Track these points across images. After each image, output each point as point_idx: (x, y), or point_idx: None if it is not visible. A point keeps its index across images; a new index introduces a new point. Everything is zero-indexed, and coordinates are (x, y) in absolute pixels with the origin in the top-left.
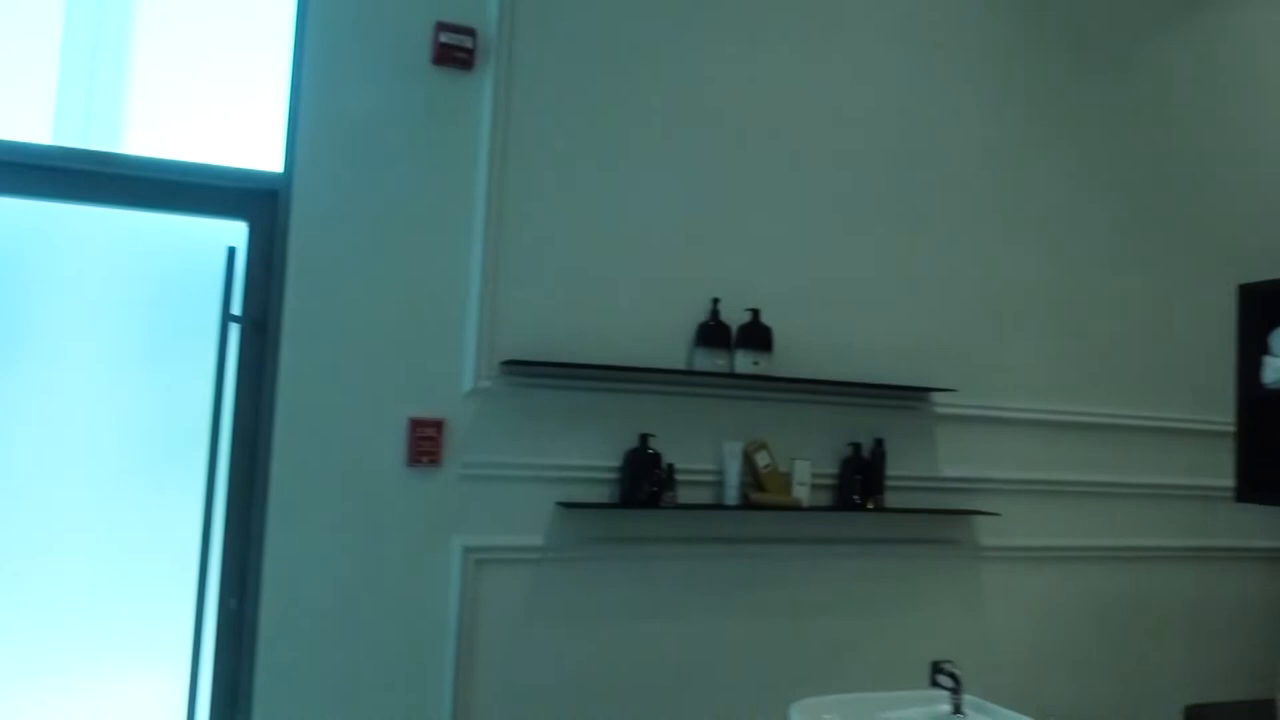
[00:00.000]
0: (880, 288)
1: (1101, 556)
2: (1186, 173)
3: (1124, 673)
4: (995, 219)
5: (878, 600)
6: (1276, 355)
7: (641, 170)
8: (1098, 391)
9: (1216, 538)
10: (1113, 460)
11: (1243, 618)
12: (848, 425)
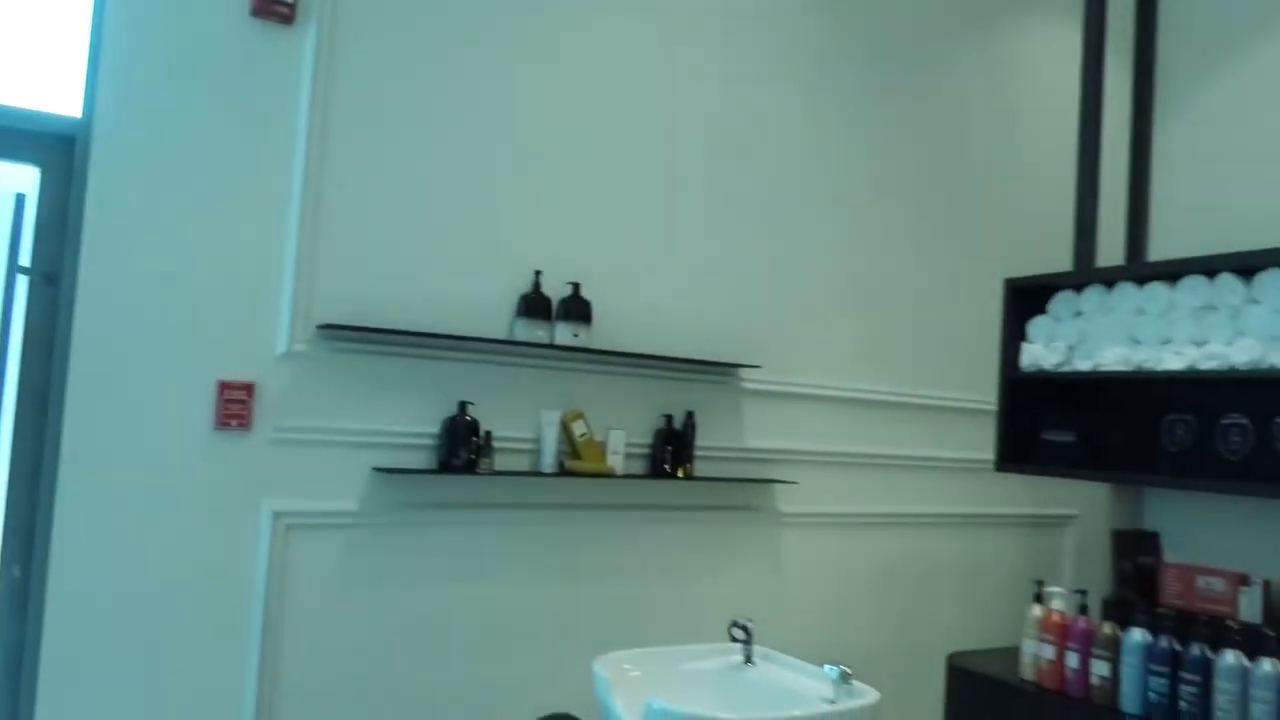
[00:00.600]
0: (695, 268)
1: (886, 522)
2: (971, 176)
3: (903, 625)
4: (801, 210)
5: (686, 563)
6: (1033, 343)
7: (468, 140)
8: (886, 372)
9: (984, 505)
10: (898, 435)
11: (1003, 576)
12: (661, 398)
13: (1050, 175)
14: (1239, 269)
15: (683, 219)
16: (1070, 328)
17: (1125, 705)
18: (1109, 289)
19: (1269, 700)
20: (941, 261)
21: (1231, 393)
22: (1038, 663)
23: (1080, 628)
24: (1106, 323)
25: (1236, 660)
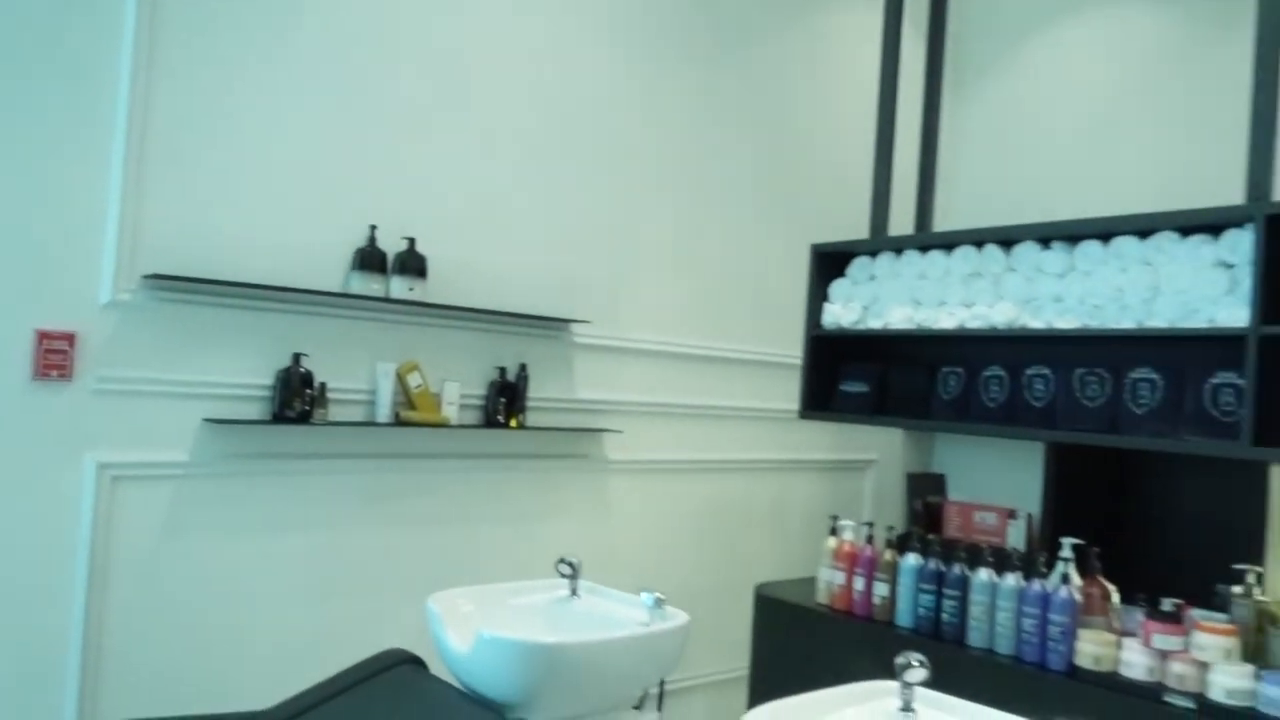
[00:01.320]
0: (529, 227)
1: (705, 468)
2: (788, 147)
3: (719, 561)
4: (630, 173)
5: (518, 508)
6: (833, 303)
7: (302, 90)
8: (707, 329)
9: (793, 452)
10: (716, 387)
11: (810, 515)
12: (495, 350)
13: (859, 149)
14: (1001, 241)
15: (518, 178)
16: (865, 290)
17: (900, 620)
18: (898, 256)
19: (1010, 609)
20: (758, 226)
21: (993, 348)
22: (831, 588)
23: (866, 555)
24: (895, 286)
25: (988, 577)
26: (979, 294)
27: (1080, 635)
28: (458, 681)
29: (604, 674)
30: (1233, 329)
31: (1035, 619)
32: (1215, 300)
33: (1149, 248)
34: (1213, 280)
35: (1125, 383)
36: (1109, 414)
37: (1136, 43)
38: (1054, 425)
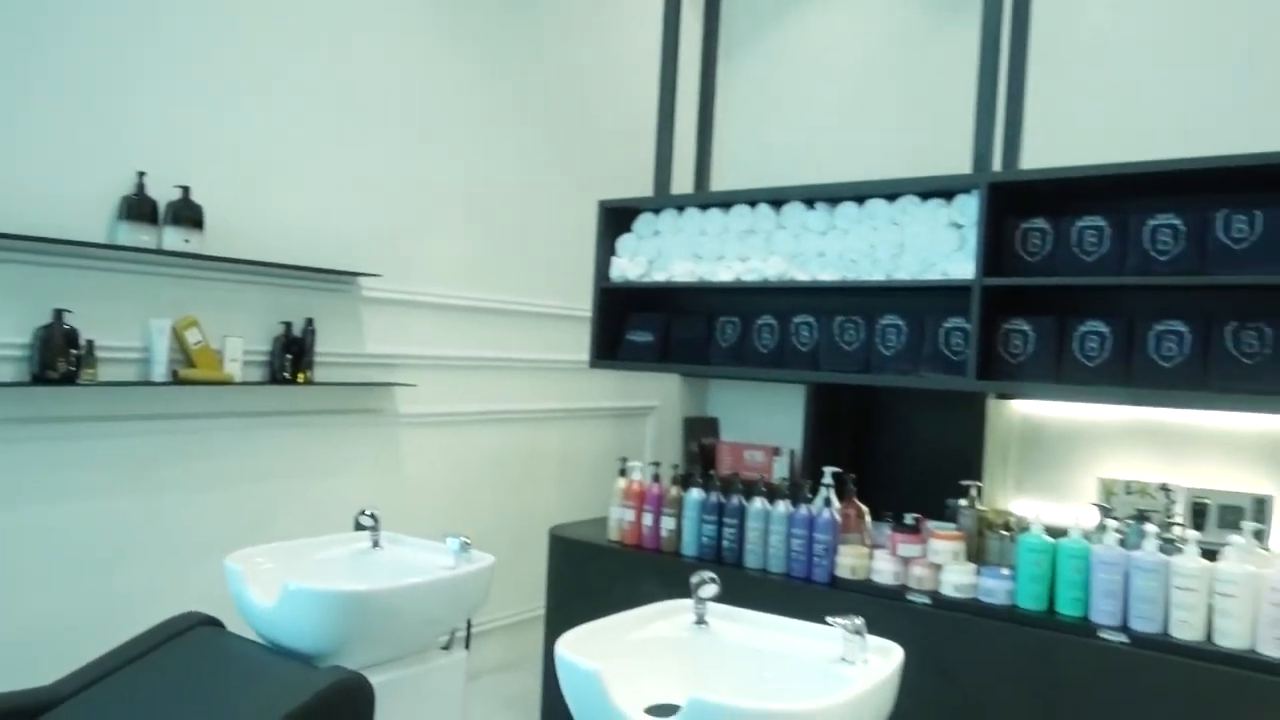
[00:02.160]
0: (315, 177)
1: (497, 419)
2: (579, 105)
3: (513, 508)
4: (420, 126)
5: (310, 465)
6: (620, 257)
7: (64, 26)
8: (497, 282)
9: (580, 400)
10: (507, 339)
11: (596, 459)
12: (280, 304)
13: (646, 109)
14: (772, 201)
15: (302, 127)
16: (650, 245)
17: (686, 550)
18: (680, 213)
19: (781, 532)
20: (548, 182)
21: (765, 299)
22: (621, 525)
23: (654, 492)
24: (678, 241)
25: (761, 506)
26: (753, 249)
27: (840, 551)
28: (261, 638)
29: (414, 617)
30: (961, 280)
31: (803, 539)
32: (948, 256)
33: (896, 209)
34: (946, 238)
35: (876, 328)
36: (863, 356)
37: (880, 27)
38: (818, 367)
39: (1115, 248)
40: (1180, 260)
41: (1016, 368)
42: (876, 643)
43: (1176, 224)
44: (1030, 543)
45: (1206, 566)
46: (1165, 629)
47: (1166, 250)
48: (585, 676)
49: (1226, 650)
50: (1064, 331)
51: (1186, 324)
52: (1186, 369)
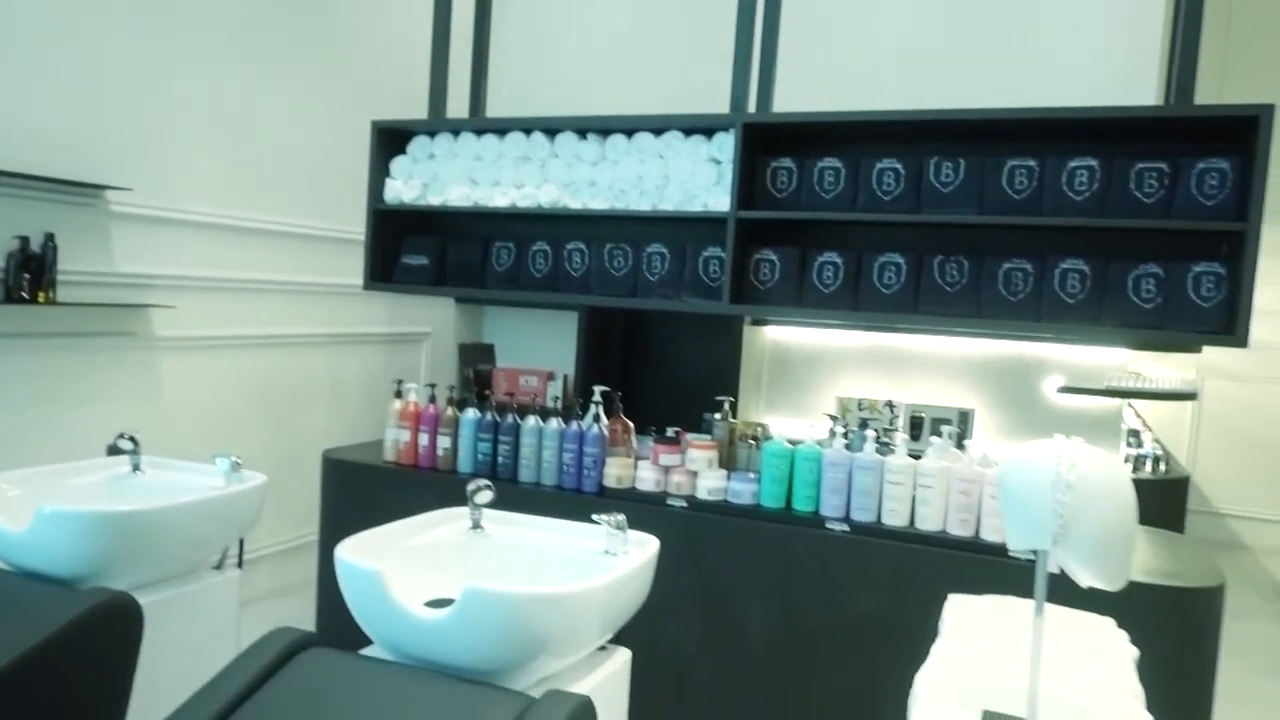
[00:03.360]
0: (55, 80)
1: (263, 343)
2: (350, 23)
3: (283, 434)
4: (177, 32)
5: (57, 391)
6: (395, 179)
7: None
8: (262, 200)
9: (352, 325)
10: (273, 261)
11: (370, 385)
12: (14, 218)
13: (423, 31)
14: (546, 130)
15: (41, 28)
16: (426, 168)
17: (462, 467)
18: (456, 137)
19: (553, 447)
20: (318, 100)
21: (539, 225)
22: (397, 445)
23: (430, 413)
24: (453, 165)
25: (535, 423)
26: (528, 176)
27: (608, 463)
28: (8, 566)
29: (181, 537)
30: (719, 212)
31: (573, 453)
32: (708, 189)
33: (661, 144)
34: (706, 173)
35: (643, 256)
36: (631, 282)
37: None
38: (589, 292)
39: (849, 187)
40: (901, 200)
41: (764, 293)
42: (636, 536)
43: (898, 168)
44: (772, 449)
45: (911, 463)
46: (879, 518)
47: (890, 191)
48: (365, 576)
49: (925, 532)
50: (805, 261)
51: (904, 256)
52: (902, 295)
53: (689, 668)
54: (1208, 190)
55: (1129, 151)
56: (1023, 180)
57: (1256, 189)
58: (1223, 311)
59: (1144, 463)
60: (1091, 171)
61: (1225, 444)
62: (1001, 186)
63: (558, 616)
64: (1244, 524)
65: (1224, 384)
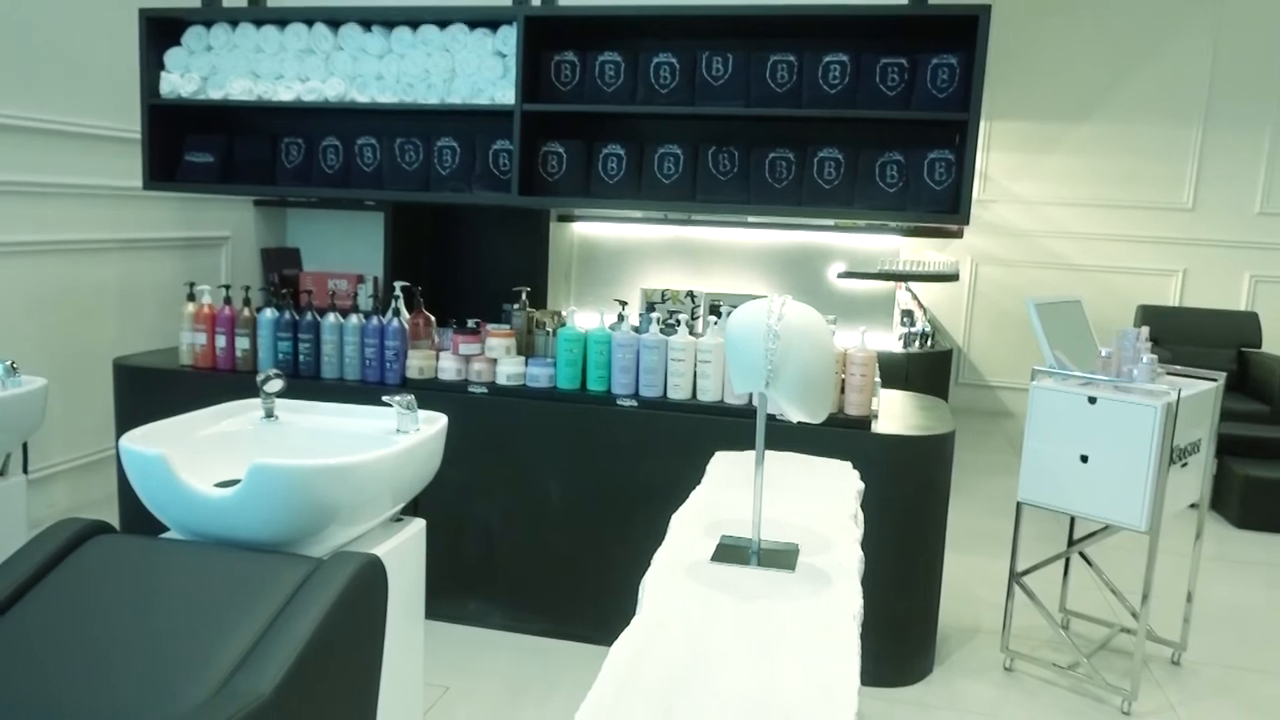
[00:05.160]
0: None
1: (40, 250)
2: None
3: (69, 346)
4: None
5: None
6: (171, 72)
7: None
8: (27, 97)
9: (140, 230)
10: (46, 162)
11: (164, 291)
12: None
13: None
14: (328, 21)
15: None
16: (203, 60)
17: (262, 367)
18: (234, 29)
19: (355, 343)
20: None
21: (328, 120)
22: (194, 349)
23: (226, 314)
24: (233, 58)
25: (336, 320)
26: (312, 69)
27: (410, 355)
28: None
29: None
30: (505, 105)
31: (375, 348)
32: (494, 83)
33: (447, 37)
34: (492, 66)
35: (434, 149)
36: (423, 176)
37: None
38: (382, 186)
39: (629, 81)
40: (676, 93)
41: (553, 185)
42: (427, 415)
43: (674, 62)
44: (566, 335)
45: (692, 341)
46: (665, 393)
47: (667, 84)
48: (150, 461)
49: (705, 403)
50: (590, 153)
51: (681, 147)
52: (681, 185)
53: (496, 540)
54: (940, 84)
55: (875, 48)
56: (784, 74)
57: (976, 82)
58: (952, 193)
59: (914, 339)
60: (843, 66)
61: (994, 323)
62: (766, 80)
63: (343, 487)
64: (1009, 393)
65: (993, 269)
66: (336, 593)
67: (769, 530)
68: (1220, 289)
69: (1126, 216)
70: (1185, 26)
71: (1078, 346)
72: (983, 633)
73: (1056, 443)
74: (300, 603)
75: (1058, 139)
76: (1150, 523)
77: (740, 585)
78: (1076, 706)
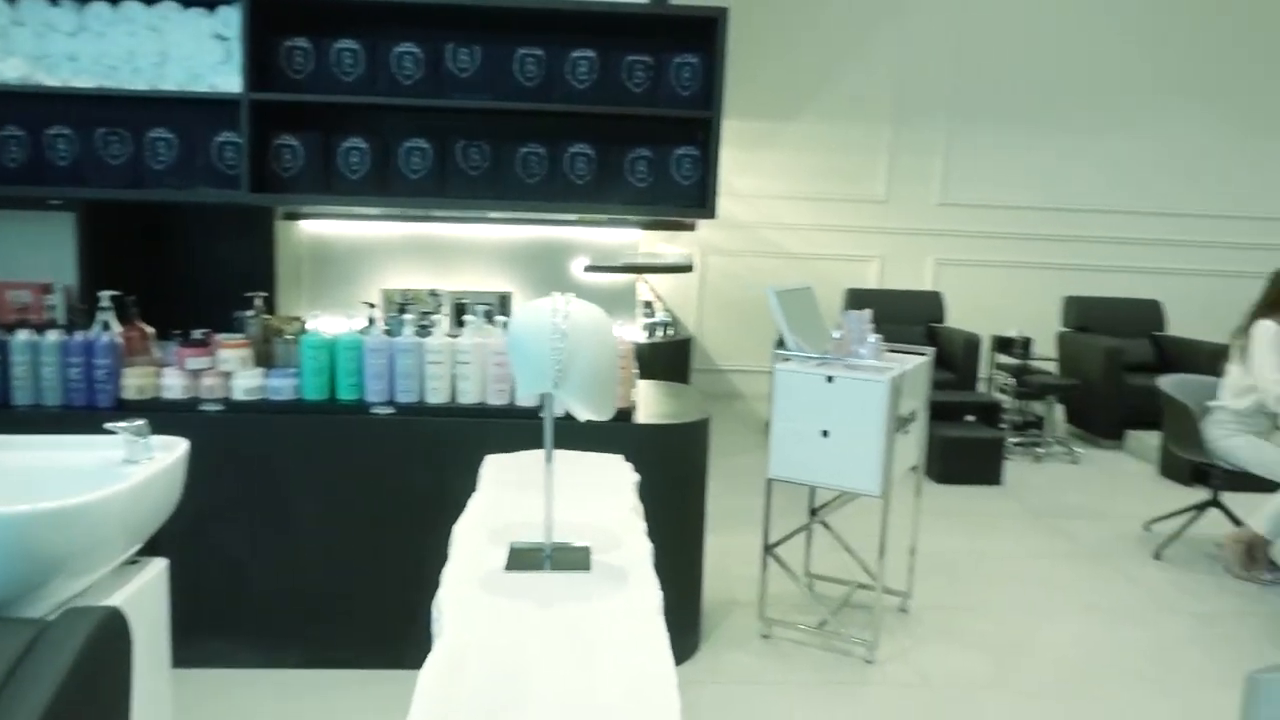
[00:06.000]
0: None
1: None
2: None
3: None
4: None
5: None
6: None
7: None
8: None
9: None
10: None
11: None
12: None
13: None
14: None
15: None
16: None
17: None
18: None
19: (54, 363)
20: None
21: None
22: None
23: None
24: None
25: (28, 338)
26: None
27: (125, 373)
28: None
29: None
30: (229, 94)
31: (80, 367)
32: (214, 68)
33: (155, 15)
34: (212, 50)
35: (145, 142)
36: (132, 171)
37: None
38: (81, 184)
39: (369, 70)
40: (421, 85)
41: (289, 181)
42: (162, 440)
43: (417, 52)
44: (310, 341)
45: (449, 342)
46: (422, 397)
47: (411, 75)
48: None
49: (466, 405)
50: (329, 147)
51: (429, 141)
52: (430, 180)
53: (243, 573)
54: (684, 82)
55: (622, 45)
56: (533, 69)
57: (718, 81)
58: (698, 188)
59: (657, 329)
60: (591, 62)
61: (723, 310)
62: (514, 74)
63: (70, 533)
64: (740, 376)
65: (720, 258)
66: (70, 658)
67: (557, 532)
68: (911, 272)
69: (833, 208)
70: (875, 36)
71: (812, 330)
72: (740, 605)
73: (800, 421)
74: (25, 675)
75: (772, 136)
76: (883, 487)
77: (540, 591)
78: (827, 661)
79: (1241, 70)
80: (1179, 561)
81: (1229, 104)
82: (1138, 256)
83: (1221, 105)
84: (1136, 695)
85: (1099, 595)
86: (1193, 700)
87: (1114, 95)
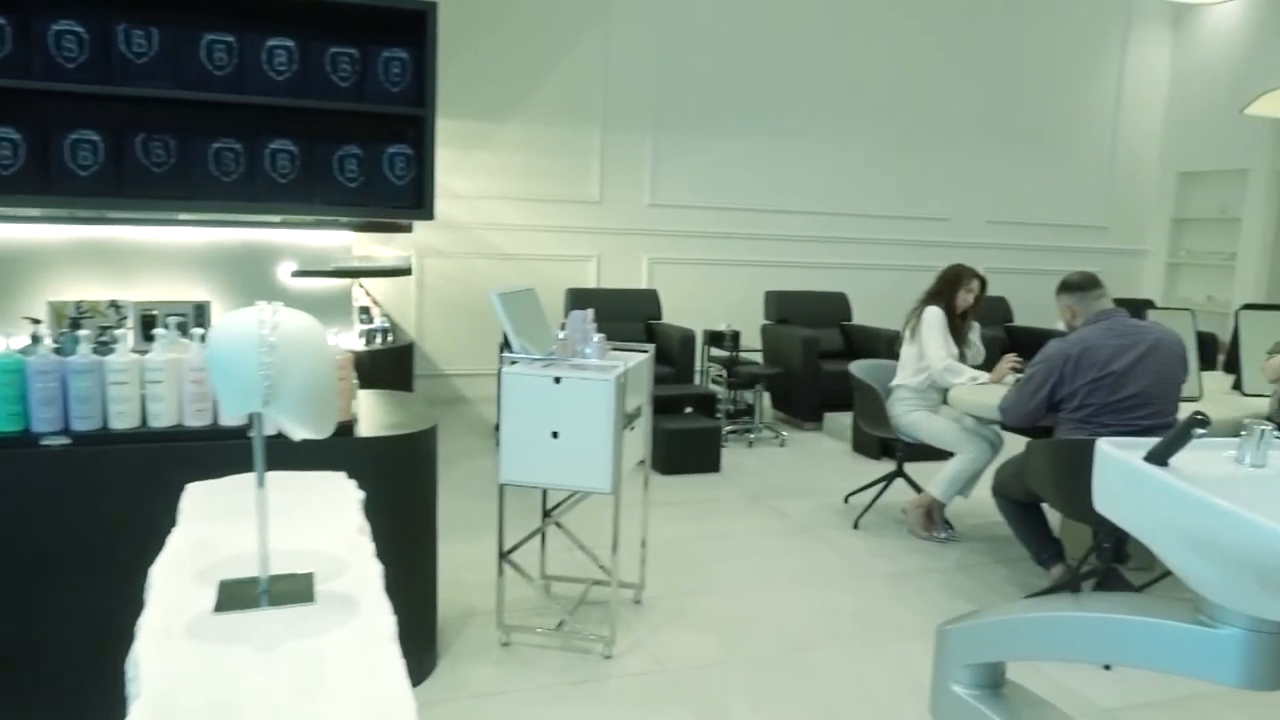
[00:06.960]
0: None
1: None
2: None
3: None
4: None
5: None
6: None
7: None
8: None
9: None
10: None
11: None
12: None
13: None
14: None
15: None
16: None
17: None
18: None
19: None
20: None
21: None
22: None
23: None
24: None
25: None
26: None
27: None
28: None
29: None
30: None
31: None
32: None
33: None
34: None
35: None
36: None
37: None
38: None
39: (19, 50)
40: (87, 69)
41: None
42: None
43: (80, 31)
44: None
45: (136, 359)
46: (105, 424)
47: (74, 58)
48: None
49: (160, 429)
50: None
51: (99, 133)
52: (102, 177)
53: None
54: (393, 77)
55: (323, 36)
56: (222, 56)
57: (429, 78)
58: (414, 188)
59: (375, 335)
60: (290, 52)
61: (443, 313)
62: (201, 61)
63: None
64: (464, 380)
65: (438, 261)
66: None
67: (275, 562)
68: (628, 271)
69: (550, 209)
70: (584, 41)
71: (537, 331)
72: (477, 614)
73: (529, 423)
74: None
75: (487, 137)
76: (613, 484)
77: (257, 632)
78: (568, 662)
79: (913, 87)
80: (874, 528)
81: (902, 117)
82: (827, 253)
83: (897, 118)
84: (848, 652)
85: (810, 565)
86: (894, 652)
87: (804, 106)
